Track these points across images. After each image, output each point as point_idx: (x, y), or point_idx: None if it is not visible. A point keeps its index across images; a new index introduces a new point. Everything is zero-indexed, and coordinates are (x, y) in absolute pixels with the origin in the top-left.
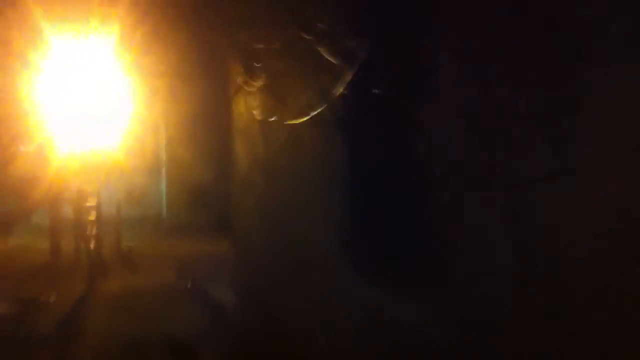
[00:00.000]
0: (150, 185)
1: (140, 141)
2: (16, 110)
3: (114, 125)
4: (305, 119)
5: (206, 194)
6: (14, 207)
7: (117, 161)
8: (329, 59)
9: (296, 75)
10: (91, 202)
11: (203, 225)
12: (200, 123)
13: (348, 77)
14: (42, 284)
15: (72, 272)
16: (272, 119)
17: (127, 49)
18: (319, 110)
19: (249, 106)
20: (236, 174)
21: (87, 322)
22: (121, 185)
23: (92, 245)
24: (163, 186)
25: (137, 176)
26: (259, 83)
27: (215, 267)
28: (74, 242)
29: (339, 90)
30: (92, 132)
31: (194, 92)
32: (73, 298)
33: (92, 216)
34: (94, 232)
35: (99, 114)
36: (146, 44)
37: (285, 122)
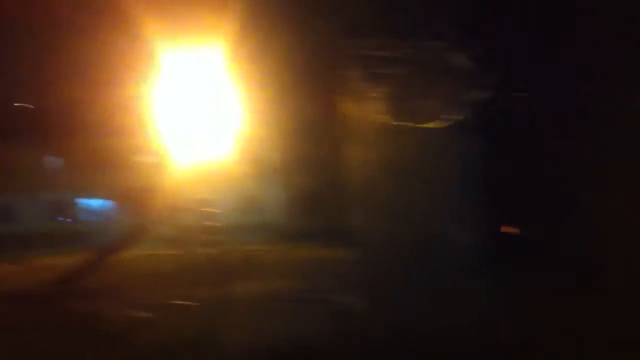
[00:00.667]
0: (267, 193)
1: (256, 149)
2: (135, 123)
3: (230, 135)
4: (435, 123)
5: (321, 200)
6: (140, 218)
7: (235, 169)
8: (459, 64)
9: (424, 80)
10: (212, 210)
11: (319, 231)
12: (314, 130)
13: (481, 81)
14: (175, 290)
15: (201, 278)
16: (399, 124)
17: (239, 58)
18: (450, 114)
19: (370, 112)
20: (353, 180)
21: (223, 326)
22: (239, 193)
23: (216, 252)
24: (279, 193)
25: (254, 184)
26: (383, 89)
27: (336, 272)
28: (198, 249)
29: (471, 94)
30: (209, 141)
31: (307, 100)
32: (207, 303)
33: (214, 223)
34: (217, 238)
35: (214, 124)
36: (258, 52)
37: (414, 126)
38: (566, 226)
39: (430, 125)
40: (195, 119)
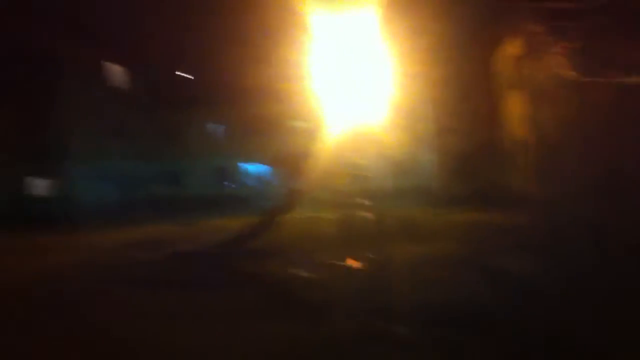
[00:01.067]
0: (420, 157)
1: (409, 114)
2: (292, 89)
3: (384, 99)
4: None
5: (476, 162)
6: (298, 183)
7: (388, 135)
8: None
9: (621, 33)
10: (367, 174)
11: (473, 194)
12: (468, 93)
13: None
14: (337, 251)
15: (360, 240)
16: (593, 80)
17: (393, 20)
18: None
19: (552, 68)
20: (517, 143)
21: (388, 288)
22: (393, 157)
23: (372, 215)
24: (432, 157)
25: (407, 148)
26: (572, 44)
27: (497, 235)
28: (356, 213)
29: None
30: (363, 107)
31: (460, 63)
32: (369, 264)
33: (369, 187)
34: (372, 202)
35: (369, 89)
36: (413, 12)
37: (611, 83)
38: None
39: (627, 80)
40: (350, 84)
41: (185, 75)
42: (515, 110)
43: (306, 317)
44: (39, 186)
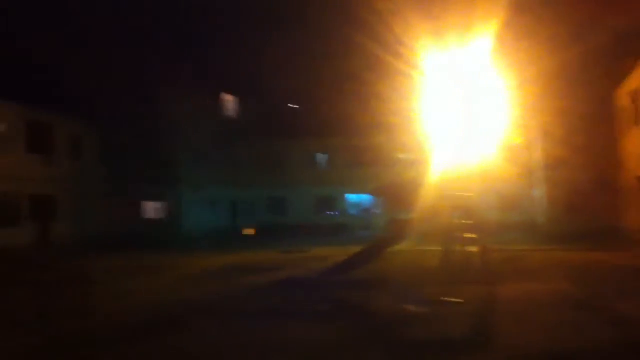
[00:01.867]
0: (527, 192)
1: (516, 149)
2: (398, 121)
3: (491, 135)
4: None
5: (589, 201)
6: (403, 214)
7: (497, 167)
8: None
9: None
10: (473, 208)
11: (583, 233)
12: (584, 127)
13: None
14: (442, 286)
15: (465, 275)
16: None
17: (506, 55)
18: None
19: None
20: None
21: (493, 326)
22: (498, 192)
23: (479, 250)
24: (543, 192)
25: (517, 182)
26: None
27: (613, 278)
28: (460, 247)
29: None
30: (472, 140)
31: (578, 95)
32: (475, 301)
33: (476, 221)
34: (478, 237)
35: (479, 123)
36: (529, 47)
37: None
38: None
39: None
40: (460, 117)
41: (294, 106)
42: (636, 147)
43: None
44: (152, 210)
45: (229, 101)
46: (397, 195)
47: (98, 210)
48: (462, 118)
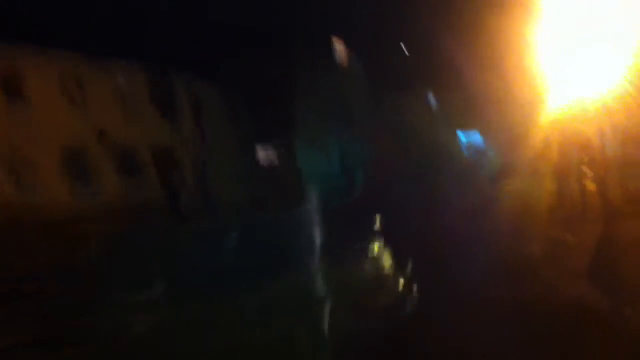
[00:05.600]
0: None
1: None
2: (514, 61)
3: (614, 67)
4: None
5: None
6: (514, 153)
7: (617, 103)
8: None
9: None
10: (592, 145)
11: None
12: None
13: None
14: (558, 225)
15: (583, 213)
16: None
17: None
18: None
19: None
20: None
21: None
22: (621, 127)
23: (597, 188)
24: None
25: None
26: None
27: None
28: (578, 185)
29: None
30: (591, 74)
31: None
32: (590, 238)
33: (594, 159)
34: (598, 174)
35: (598, 56)
36: None
37: None
38: None
39: None
40: (574, 56)
41: (405, 52)
42: None
43: None
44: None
45: (346, 54)
46: (512, 135)
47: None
48: (581, 48)
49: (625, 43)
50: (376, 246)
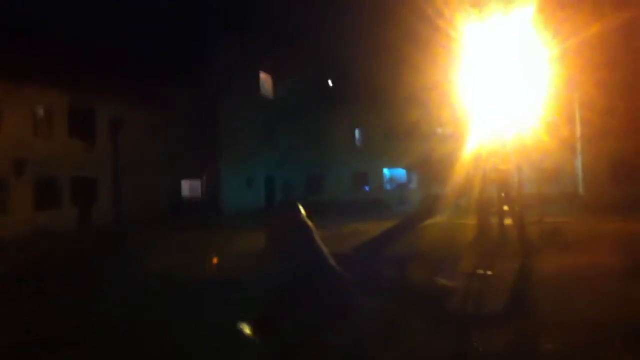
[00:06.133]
0: (565, 163)
1: (555, 120)
2: (434, 97)
3: (529, 107)
4: None
5: (630, 170)
6: (439, 188)
7: (532, 141)
8: None
9: None
10: (510, 182)
11: (625, 203)
12: (624, 93)
13: None
14: (476, 259)
15: (501, 248)
16: None
17: (545, 26)
18: None
19: None
20: None
21: (528, 299)
22: (536, 164)
23: (515, 223)
24: (579, 163)
25: (552, 155)
26: None
27: None
28: (498, 219)
29: None
30: (508, 112)
31: (614, 65)
32: (508, 273)
33: (513, 194)
34: (515, 209)
35: (515, 97)
36: (565, 20)
37: None
38: None
39: None
40: (496, 89)
41: (329, 81)
42: None
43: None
44: (193, 188)
45: (265, 80)
46: (433, 169)
47: (138, 190)
48: (500, 90)
49: (540, 85)
50: None
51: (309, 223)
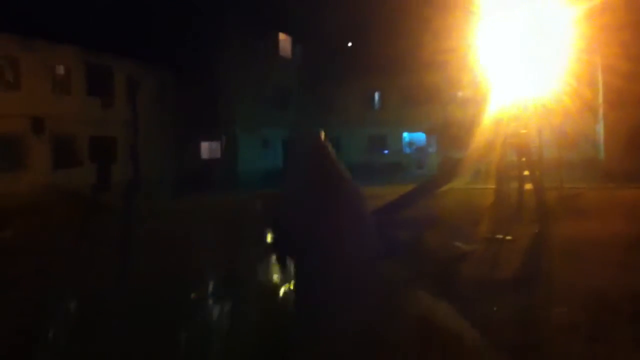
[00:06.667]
0: (586, 129)
1: (576, 84)
2: (454, 57)
3: (552, 70)
4: None
5: None
6: (462, 154)
7: (553, 105)
8: None
9: None
10: (530, 146)
11: None
12: None
13: None
14: (495, 224)
15: (520, 213)
16: None
17: None
18: None
19: None
20: None
21: (544, 264)
22: (557, 128)
23: (535, 188)
24: (600, 129)
25: (573, 119)
26: None
27: None
28: (517, 184)
29: None
30: (530, 76)
31: (637, 27)
32: (527, 238)
33: (533, 160)
34: (536, 174)
35: (537, 59)
36: None
37: None
38: None
39: None
40: (518, 51)
41: (349, 43)
42: None
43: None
44: (212, 150)
45: (284, 41)
46: (452, 134)
47: (157, 152)
48: (521, 52)
49: (562, 48)
50: None
51: (330, 147)
